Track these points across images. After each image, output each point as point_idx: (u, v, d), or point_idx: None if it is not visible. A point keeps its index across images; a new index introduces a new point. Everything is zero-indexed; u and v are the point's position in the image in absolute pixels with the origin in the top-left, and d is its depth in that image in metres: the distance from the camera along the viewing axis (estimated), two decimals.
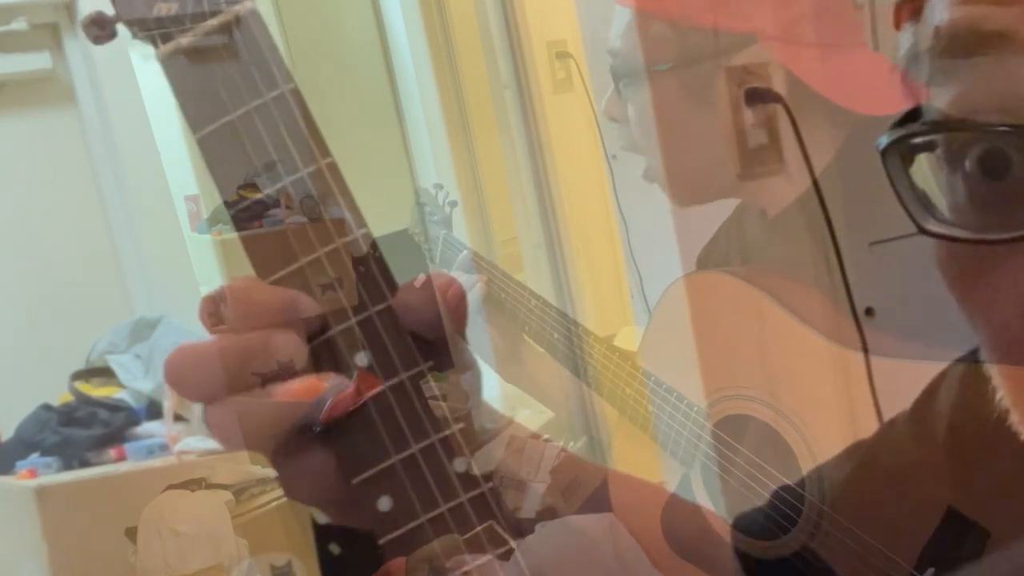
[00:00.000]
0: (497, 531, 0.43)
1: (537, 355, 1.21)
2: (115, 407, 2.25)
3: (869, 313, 0.84)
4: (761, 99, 0.87)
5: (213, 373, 0.41)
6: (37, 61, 2.65)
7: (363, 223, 0.42)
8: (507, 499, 0.43)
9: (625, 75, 0.95)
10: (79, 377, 2.32)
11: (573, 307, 2.35)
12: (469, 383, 0.43)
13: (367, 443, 0.42)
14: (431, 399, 0.43)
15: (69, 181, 2.73)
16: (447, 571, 0.42)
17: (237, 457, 2.23)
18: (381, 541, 0.42)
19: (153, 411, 2.26)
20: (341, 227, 0.42)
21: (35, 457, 2.17)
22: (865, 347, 0.83)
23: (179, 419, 2.22)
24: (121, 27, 0.42)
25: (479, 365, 0.46)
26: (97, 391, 2.30)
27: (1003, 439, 0.36)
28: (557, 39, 2.44)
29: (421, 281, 0.43)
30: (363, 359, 0.42)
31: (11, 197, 2.63)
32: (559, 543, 0.43)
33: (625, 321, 2.15)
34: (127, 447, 2.20)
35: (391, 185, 2.61)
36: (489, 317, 1.19)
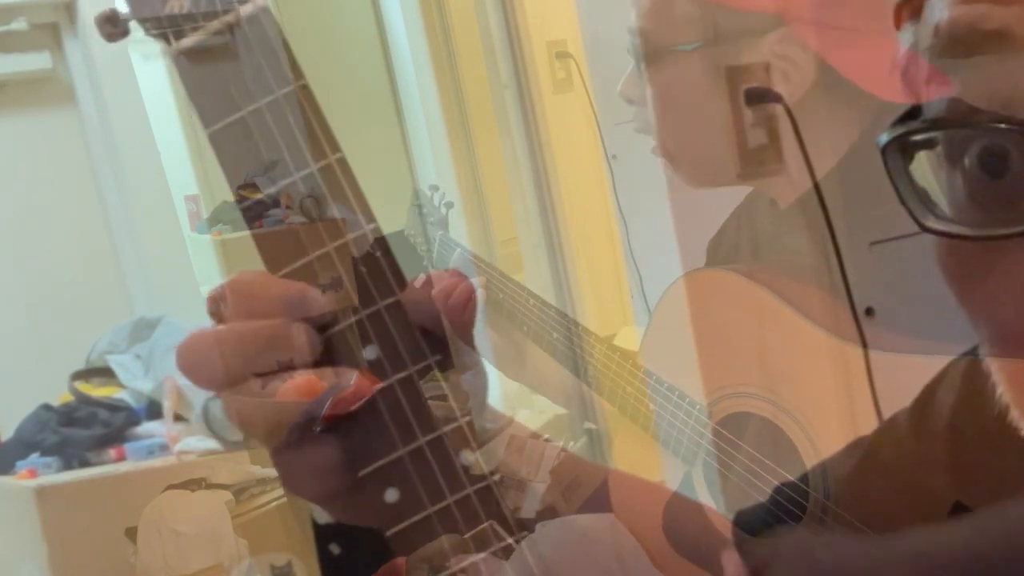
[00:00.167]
0: (497, 529, 0.43)
1: (540, 353, 1.21)
2: (115, 407, 2.25)
3: (869, 313, 0.84)
4: (761, 99, 0.87)
5: (224, 360, 0.41)
6: (37, 61, 2.65)
7: (372, 218, 0.43)
8: (507, 499, 0.43)
9: (647, 55, 0.93)
10: (79, 377, 2.32)
11: (573, 307, 2.35)
12: (470, 383, 0.43)
13: (374, 435, 0.42)
14: (431, 399, 0.43)
15: (69, 181, 2.73)
16: (447, 570, 0.42)
17: (237, 457, 2.23)
18: (388, 533, 0.43)
19: (153, 411, 2.26)
20: (342, 226, 0.43)
21: (35, 457, 2.17)
22: (865, 348, 0.83)
23: (179, 419, 2.22)
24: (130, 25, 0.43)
25: (483, 366, 0.46)
26: (97, 391, 2.30)
27: (1004, 435, 0.36)
28: (557, 39, 2.44)
29: (421, 281, 0.43)
30: (372, 352, 0.42)
31: (11, 197, 2.63)
32: (561, 540, 0.43)
33: (625, 321, 2.15)
34: (127, 447, 2.20)
35: (391, 185, 2.61)
36: (488, 318, 1.19)
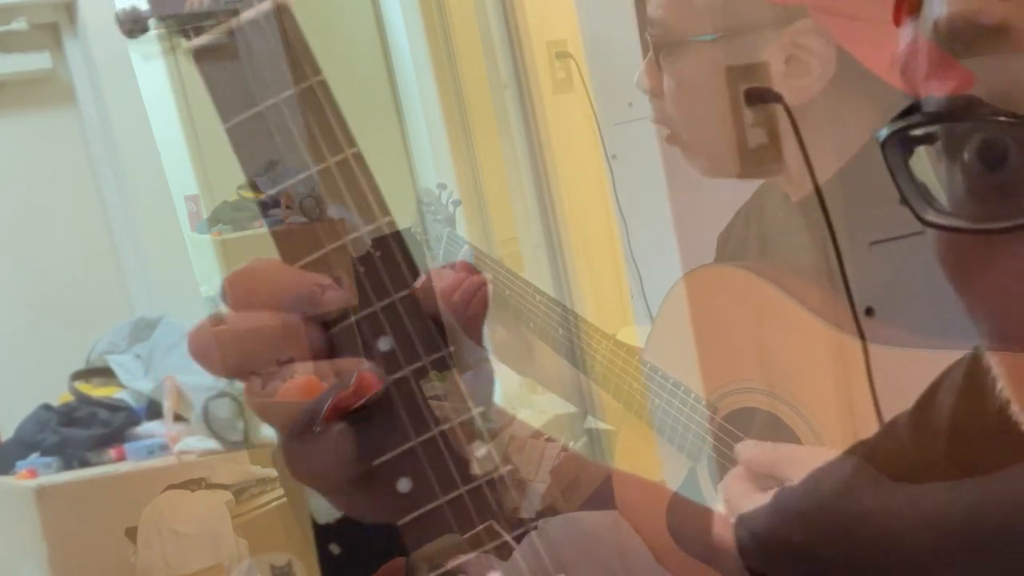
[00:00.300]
0: (497, 529, 0.43)
1: (546, 350, 1.21)
2: (115, 407, 2.25)
3: (869, 313, 0.84)
4: (761, 99, 0.87)
5: (232, 350, 0.41)
6: (37, 61, 2.66)
7: (387, 211, 0.43)
8: (508, 498, 0.43)
9: (665, 45, 0.93)
10: (79, 377, 2.32)
11: (573, 307, 2.35)
12: (470, 382, 0.43)
13: (387, 425, 0.43)
14: (432, 398, 0.43)
15: (69, 181, 2.73)
16: (446, 570, 0.43)
17: (237, 457, 2.23)
18: (400, 522, 0.43)
19: (153, 411, 2.26)
20: (342, 226, 0.43)
21: (35, 457, 2.17)
22: (865, 348, 0.83)
23: (179, 419, 2.22)
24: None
25: (490, 364, 0.46)
26: (97, 391, 2.30)
27: (1005, 430, 0.36)
28: (557, 39, 2.44)
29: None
30: (386, 344, 0.43)
31: (11, 197, 2.63)
32: (564, 537, 0.43)
33: (625, 321, 2.15)
34: (127, 447, 2.20)
35: (391, 185, 2.61)
36: (494, 314, 1.19)
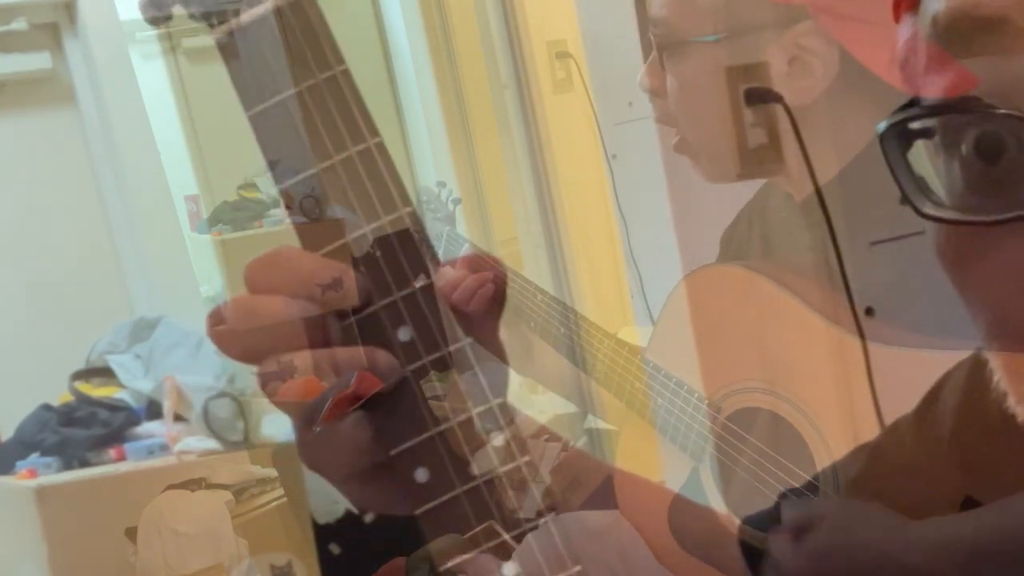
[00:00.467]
0: (497, 528, 0.43)
1: (547, 349, 1.20)
2: (115, 407, 2.25)
3: (869, 313, 0.84)
4: (761, 99, 0.87)
5: (253, 332, 0.42)
6: (37, 61, 2.66)
7: (408, 201, 0.43)
8: (507, 498, 0.43)
9: (668, 45, 0.93)
10: (79, 377, 2.32)
11: (573, 307, 2.35)
12: (487, 375, 0.43)
13: (405, 416, 0.43)
14: (432, 398, 0.43)
15: (69, 181, 2.73)
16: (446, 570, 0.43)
17: (237, 457, 2.23)
18: (417, 512, 0.43)
19: (153, 411, 2.26)
20: (342, 226, 0.43)
21: (35, 457, 2.17)
22: (865, 348, 0.83)
23: (179, 419, 2.22)
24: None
25: (505, 359, 0.47)
26: (97, 391, 2.30)
27: (1005, 423, 0.36)
28: (557, 39, 2.44)
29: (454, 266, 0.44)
30: (406, 334, 0.43)
31: (11, 197, 2.63)
32: (566, 536, 0.44)
33: (625, 321, 2.15)
34: (127, 447, 2.20)
35: None
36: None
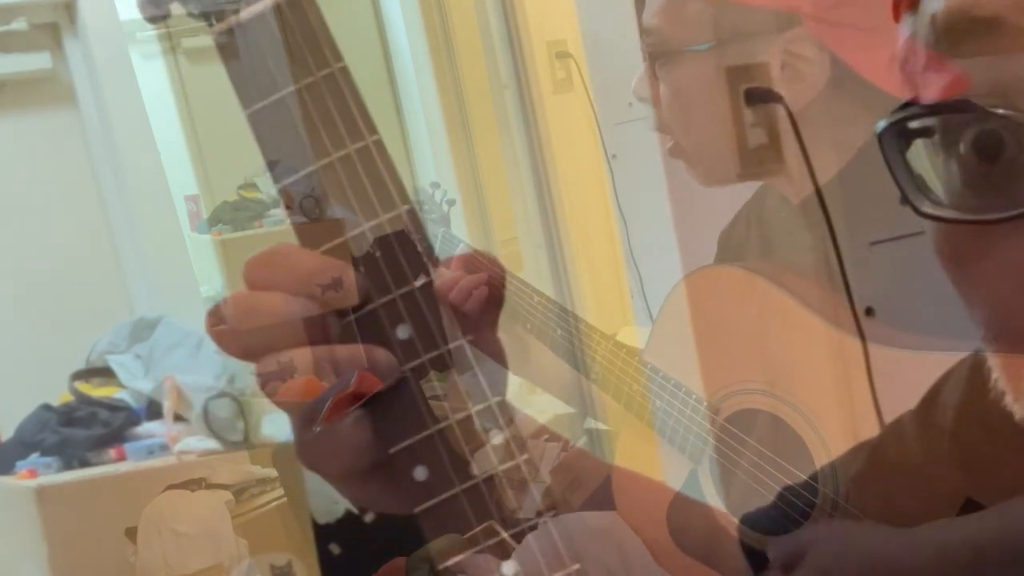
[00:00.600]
0: (497, 528, 0.43)
1: (543, 350, 1.20)
2: (115, 407, 2.25)
3: (869, 313, 0.84)
4: (761, 99, 0.87)
5: (255, 327, 0.42)
6: (37, 61, 2.66)
7: (407, 199, 0.43)
8: (507, 498, 0.43)
9: (660, 55, 0.93)
10: (79, 377, 2.32)
11: (573, 307, 2.35)
12: (485, 374, 0.43)
13: (405, 414, 0.43)
14: (431, 398, 0.43)
15: (69, 181, 2.73)
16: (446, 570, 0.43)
17: (237, 457, 2.23)
18: (416, 510, 0.43)
19: (153, 411, 2.26)
20: (342, 226, 0.43)
21: (35, 457, 2.17)
22: (865, 348, 0.83)
23: (179, 419, 2.22)
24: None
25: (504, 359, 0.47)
26: (97, 391, 2.30)
27: (1003, 421, 0.36)
28: (557, 39, 2.43)
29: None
30: (404, 332, 0.43)
31: (11, 197, 2.63)
32: (565, 536, 0.44)
33: (625, 321, 2.14)
34: (127, 447, 2.20)
35: None
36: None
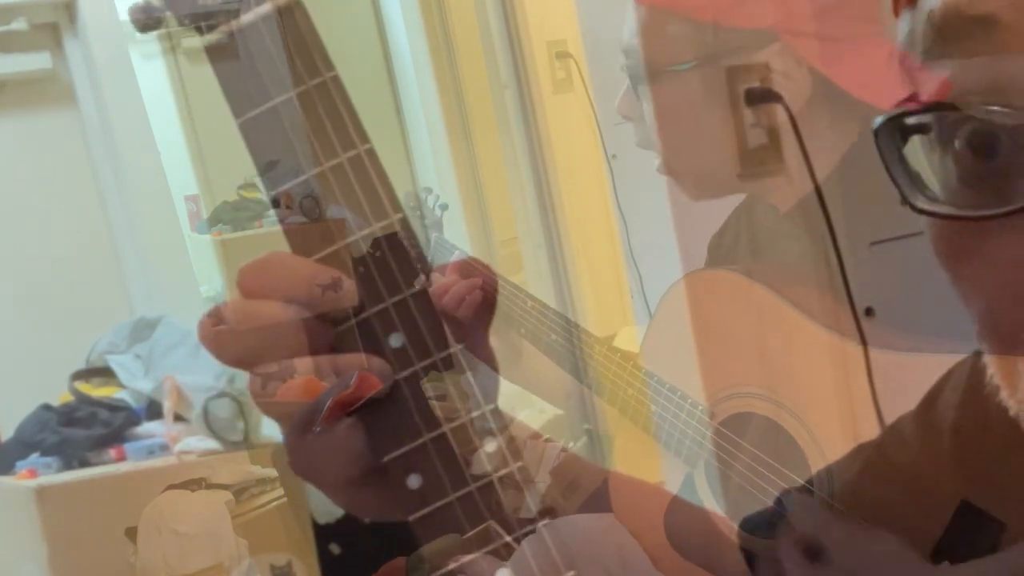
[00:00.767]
0: (496, 529, 0.43)
1: (536, 355, 1.20)
2: (115, 407, 2.25)
3: (869, 313, 0.84)
4: (761, 99, 0.87)
5: (246, 336, 0.42)
6: (37, 61, 2.65)
7: (399, 208, 0.43)
8: (507, 499, 0.43)
9: (643, 75, 0.94)
10: (79, 377, 2.32)
11: (573, 307, 2.35)
12: (478, 381, 0.43)
13: (398, 421, 0.43)
14: (431, 399, 0.43)
15: (69, 181, 2.73)
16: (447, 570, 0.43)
17: (237, 457, 2.23)
18: (411, 518, 0.43)
19: (153, 411, 2.26)
20: (342, 227, 0.43)
21: (35, 457, 2.17)
22: (865, 348, 0.83)
23: (179, 419, 2.22)
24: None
25: (495, 364, 0.47)
26: (97, 391, 2.30)
27: (1000, 418, 0.36)
28: (557, 39, 2.43)
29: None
30: (397, 340, 0.43)
31: (11, 197, 2.63)
32: (561, 539, 0.43)
33: (625, 321, 2.15)
34: (127, 447, 2.20)
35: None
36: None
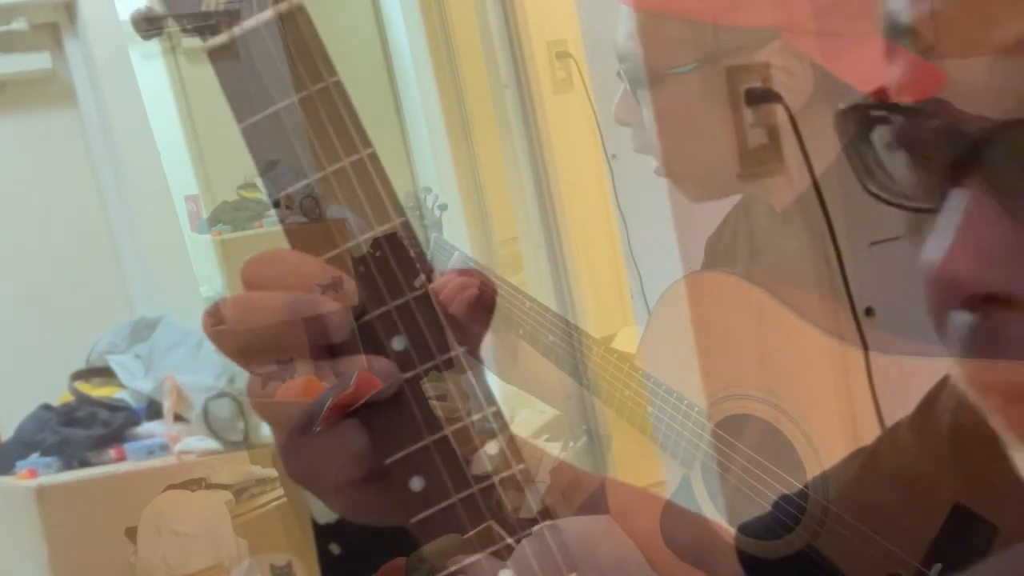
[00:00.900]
0: (498, 529, 0.43)
1: (533, 355, 1.20)
2: (115, 407, 2.25)
3: (869, 313, 0.84)
4: (761, 99, 0.87)
5: (239, 339, 0.42)
6: (37, 61, 2.66)
7: (402, 212, 0.43)
8: (507, 499, 0.43)
9: (641, 79, 0.93)
10: (79, 377, 2.32)
11: (573, 307, 2.35)
12: (481, 382, 0.43)
13: (400, 424, 0.43)
14: (431, 399, 0.43)
15: (69, 181, 2.73)
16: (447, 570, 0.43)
17: (237, 457, 2.23)
18: (412, 520, 0.43)
19: (153, 411, 2.26)
20: (342, 227, 0.43)
21: (35, 457, 2.17)
22: (865, 347, 0.83)
23: (179, 419, 2.23)
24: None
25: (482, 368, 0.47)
26: (97, 391, 2.30)
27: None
28: (557, 39, 2.43)
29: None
30: (400, 343, 0.43)
31: (11, 197, 2.63)
32: (559, 541, 0.43)
33: (625, 321, 2.15)
34: (127, 447, 2.20)
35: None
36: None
